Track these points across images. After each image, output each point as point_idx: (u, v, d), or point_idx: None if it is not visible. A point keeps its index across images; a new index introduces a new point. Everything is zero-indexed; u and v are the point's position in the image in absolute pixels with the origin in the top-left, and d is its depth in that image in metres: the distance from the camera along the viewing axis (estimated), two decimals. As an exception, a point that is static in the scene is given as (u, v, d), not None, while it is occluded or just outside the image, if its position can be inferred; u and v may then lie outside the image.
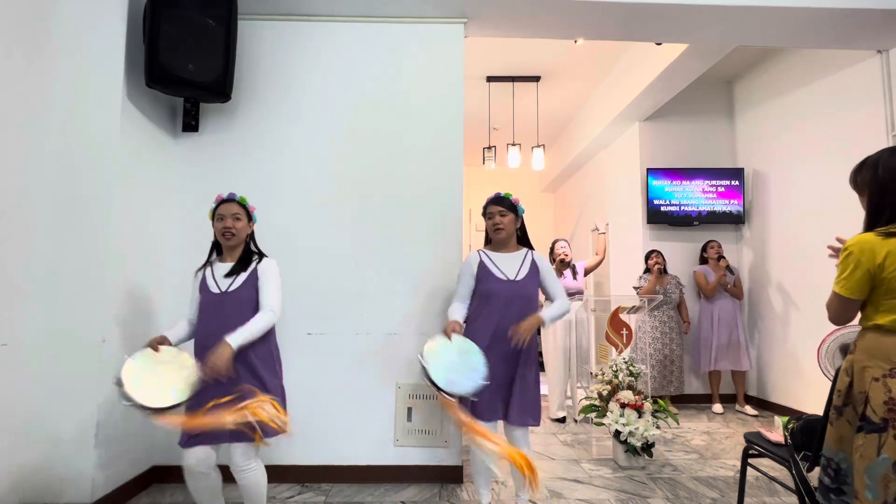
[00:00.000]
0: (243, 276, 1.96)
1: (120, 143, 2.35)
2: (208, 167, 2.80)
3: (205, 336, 1.91)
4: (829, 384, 1.79)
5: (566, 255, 4.13)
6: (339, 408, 2.70)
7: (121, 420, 2.37)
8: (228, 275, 1.96)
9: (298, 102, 2.87)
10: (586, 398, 3.24)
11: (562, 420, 4.03)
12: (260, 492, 1.96)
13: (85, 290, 2.26)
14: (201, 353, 1.87)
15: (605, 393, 3.07)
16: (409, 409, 2.72)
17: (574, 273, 4.20)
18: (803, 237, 4.03)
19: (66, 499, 2.17)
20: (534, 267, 2.18)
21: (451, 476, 2.67)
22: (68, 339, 2.23)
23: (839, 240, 1.70)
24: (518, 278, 2.13)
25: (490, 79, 5.19)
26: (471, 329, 2.13)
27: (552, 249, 4.25)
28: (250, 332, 1.84)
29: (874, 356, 1.42)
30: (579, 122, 6.23)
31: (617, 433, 2.89)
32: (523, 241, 2.28)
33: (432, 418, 2.71)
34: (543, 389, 5.14)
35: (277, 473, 2.63)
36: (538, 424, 2.11)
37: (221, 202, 2.00)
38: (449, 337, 1.97)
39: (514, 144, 5.40)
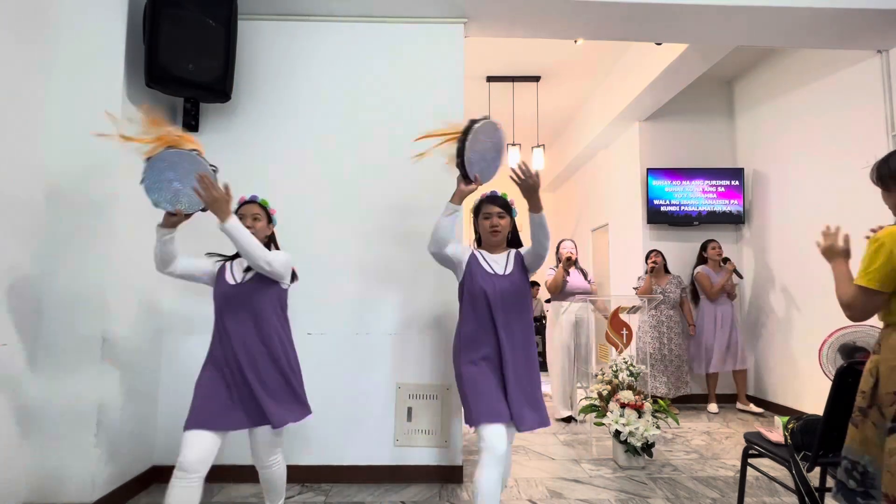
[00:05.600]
0: (254, 270, 1.96)
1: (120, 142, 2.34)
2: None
3: (223, 330, 1.91)
4: (828, 384, 1.80)
5: (572, 254, 4.08)
6: (339, 408, 2.70)
7: (121, 420, 2.37)
8: (247, 269, 1.98)
9: (298, 102, 2.87)
10: (586, 398, 3.24)
11: (567, 420, 4.03)
12: (283, 483, 2.09)
13: (85, 290, 2.26)
14: (220, 347, 1.90)
15: (605, 393, 3.07)
16: (409, 409, 2.72)
17: (585, 274, 4.20)
18: (803, 237, 4.03)
19: (66, 499, 2.17)
20: (518, 258, 2.07)
21: (451, 476, 2.67)
22: (68, 339, 2.23)
23: (829, 229, 1.64)
24: (507, 272, 2.02)
25: (490, 79, 5.19)
26: (465, 331, 2.00)
27: (557, 249, 4.22)
28: (248, 238, 1.81)
29: None
30: (579, 122, 6.23)
31: (617, 433, 2.89)
32: (513, 243, 2.16)
33: (432, 418, 2.71)
34: (545, 388, 5.13)
35: (277, 473, 2.64)
36: (548, 424, 1.96)
37: (243, 203, 2.03)
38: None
39: (514, 144, 5.40)
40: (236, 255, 2.04)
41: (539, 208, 1.90)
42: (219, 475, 2.59)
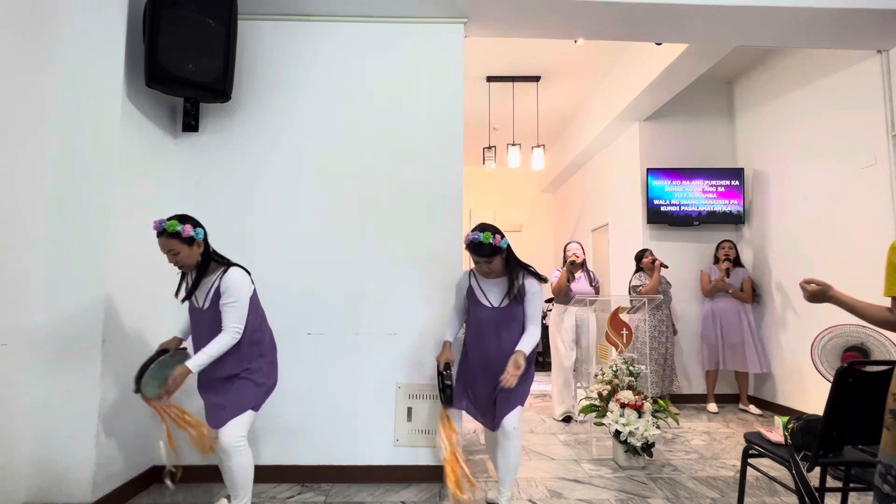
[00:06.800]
0: (211, 294, 2.01)
1: (120, 143, 2.35)
2: (208, 167, 2.80)
3: (197, 346, 2.04)
4: (829, 384, 1.80)
5: (576, 257, 4.04)
6: (339, 408, 2.70)
7: (121, 420, 2.37)
8: (201, 291, 2.05)
9: (298, 102, 2.87)
10: (586, 398, 3.24)
11: (567, 420, 4.03)
12: (245, 480, 1.99)
13: (85, 291, 2.26)
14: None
15: (605, 393, 3.07)
16: (409, 409, 2.71)
17: (591, 277, 4.14)
18: (803, 237, 4.03)
19: (66, 499, 2.17)
20: (520, 291, 2.24)
21: (451, 476, 2.67)
22: (68, 339, 2.23)
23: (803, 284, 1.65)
24: (503, 305, 2.25)
25: (490, 79, 5.19)
26: (468, 350, 2.35)
27: (564, 250, 4.20)
28: (208, 355, 1.92)
29: None
30: (579, 122, 6.23)
31: (617, 433, 2.88)
32: (511, 263, 2.27)
33: (432, 418, 2.71)
34: (546, 388, 5.12)
35: (277, 473, 2.64)
36: (521, 404, 2.22)
37: (158, 236, 1.95)
38: (440, 365, 2.27)
39: (514, 144, 5.40)
40: (198, 279, 2.02)
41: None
42: (219, 475, 2.60)
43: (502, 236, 2.19)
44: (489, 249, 2.14)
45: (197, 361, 1.90)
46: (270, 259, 2.75)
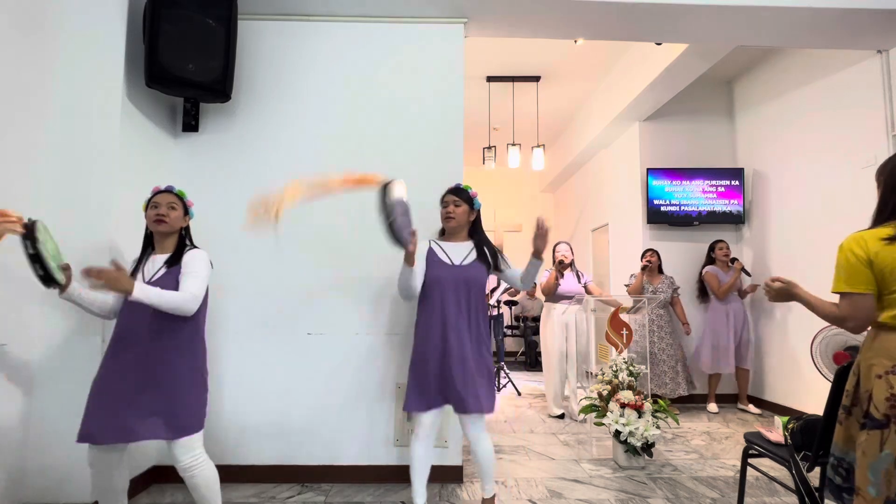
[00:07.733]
0: (165, 266, 1.86)
1: (120, 143, 2.35)
2: (208, 167, 2.80)
3: (123, 326, 1.82)
4: (828, 383, 1.80)
5: (565, 257, 4.19)
6: (339, 408, 2.70)
7: (121, 420, 2.36)
8: (165, 265, 1.86)
9: (298, 102, 2.87)
10: (586, 398, 3.24)
11: (560, 417, 4.09)
12: (211, 490, 1.83)
13: (85, 290, 2.25)
14: (117, 342, 1.81)
15: (605, 393, 3.07)
16: (409, 409, 2.71)
17: (579, 277, 4.24)
18: (803, 237, 4.03)
19: (66, 499, 2.18)
20: (483, 255, 2.21)
21: (451, 476, 2.67)
22: (68, 339, 2.23)
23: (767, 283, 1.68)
24: (463, 263, 2.19)
25: (490, 79, 5.19)
26: (422, 316, 2.17)
27: (553, 251, 4.30)
28: (158, 297, 1.68)
29: (878, 353, 1.42)
30: (579, 122, 6.23)
31: (617, 433, 2.89)
32: (473, 233, 2.28)
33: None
34: (541, 387, 5.13)
35: (277, 473, 2.64)
36: (489, 412, 2.09)
37: (158, 192, 1.93)
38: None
39: (514, 144, 5.40)
40: (147, 254, 1.93)
41: (540, 257, 2.13)
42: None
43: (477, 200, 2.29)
44: (465, 195, 2.25)
45: (145, 290, 1.65)
46: (270, 259, 2.75)
